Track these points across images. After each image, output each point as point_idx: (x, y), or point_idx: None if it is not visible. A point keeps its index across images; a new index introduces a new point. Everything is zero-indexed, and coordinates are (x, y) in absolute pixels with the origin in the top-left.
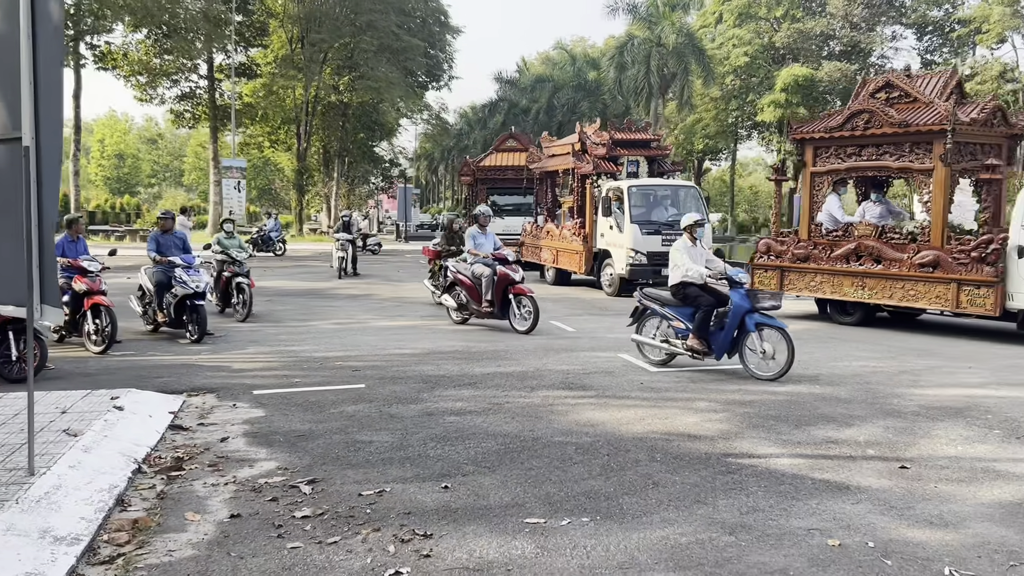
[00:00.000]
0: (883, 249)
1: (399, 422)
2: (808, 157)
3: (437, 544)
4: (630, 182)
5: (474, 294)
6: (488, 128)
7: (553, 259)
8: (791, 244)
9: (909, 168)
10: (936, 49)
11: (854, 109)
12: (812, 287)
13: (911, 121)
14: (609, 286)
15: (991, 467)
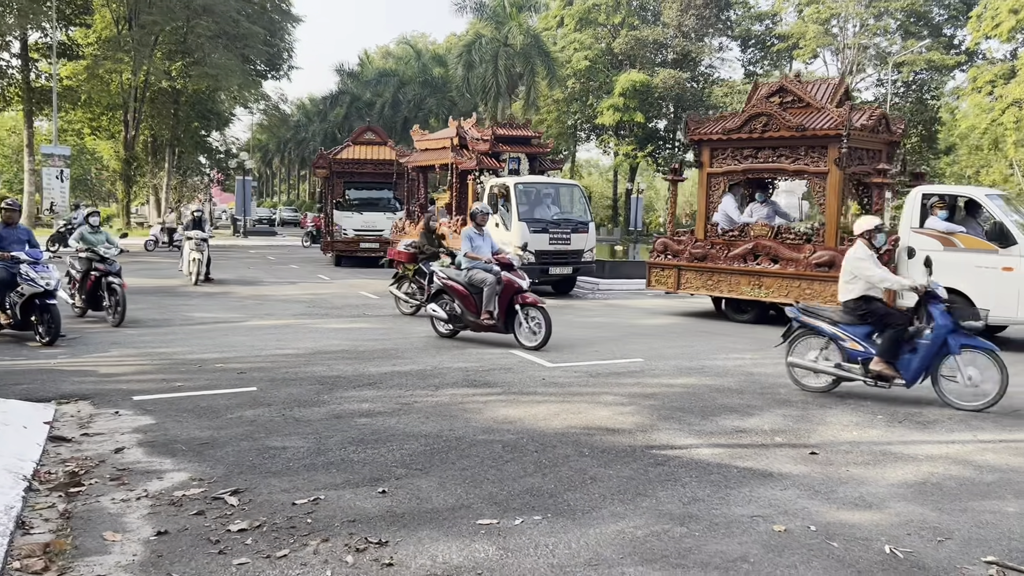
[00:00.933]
0: (780, 249)
1: (308, 426)
2: (705, 158)
3: (395, 551)
4: (516, 179)
5: (469, 304)
6: (328, 121)
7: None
8: (688, 244)
9: (804, 171)
10: (758, 61)
11: (752, 112)
12: (709, 286)
13: (808, 125)
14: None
15: (887, 450)
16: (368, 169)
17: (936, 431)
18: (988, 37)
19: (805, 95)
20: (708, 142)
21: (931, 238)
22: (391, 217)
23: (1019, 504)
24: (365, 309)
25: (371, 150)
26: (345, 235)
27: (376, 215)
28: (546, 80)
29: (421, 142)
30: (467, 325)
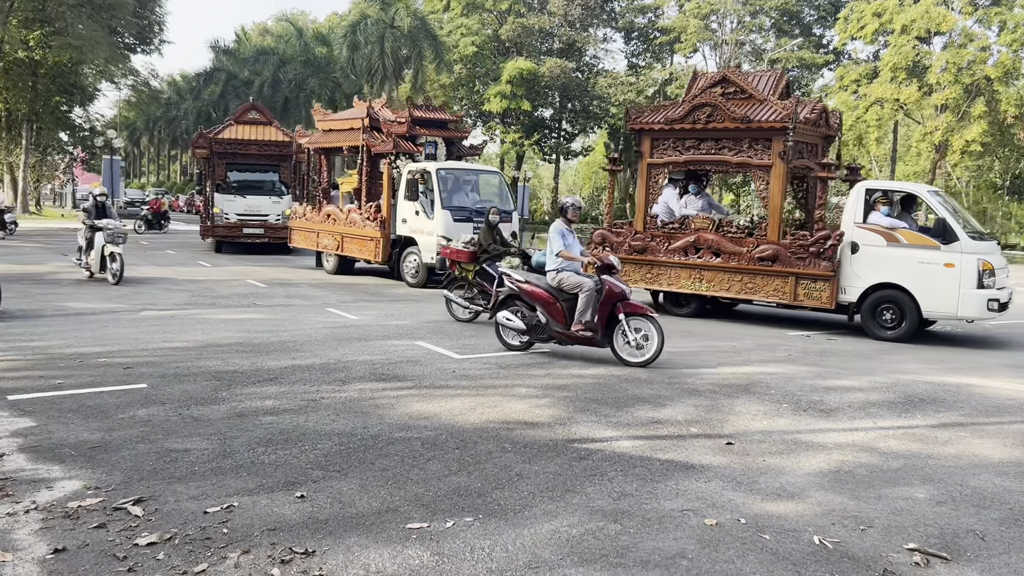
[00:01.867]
0: (722, 243)
1: (209, 426)
2: (645, 148)
3: (324, 561)
4: (438, 165)
5: (555, 312)
6: (202, 99)
7: (337, 246)
8: (627, 236)
9: (748, 163)
10: (641, 53)
11: (697, 102)
12: (648, 279)
13: (753, 117)
14: (413, 276)
15: (797, 439)
16: (252, 150)
17: (839, 419)
18: (854, 38)
19: (747, 86)
20: (649, 132)
21: (875, 233)
22: (277, 201)
23: (927, 490)
24: (255, 298)
25: (256, 130)
26: (227, 219)
27: (261, 199)
28: (433, 64)
29: (324, 122)
30: (552, 336)
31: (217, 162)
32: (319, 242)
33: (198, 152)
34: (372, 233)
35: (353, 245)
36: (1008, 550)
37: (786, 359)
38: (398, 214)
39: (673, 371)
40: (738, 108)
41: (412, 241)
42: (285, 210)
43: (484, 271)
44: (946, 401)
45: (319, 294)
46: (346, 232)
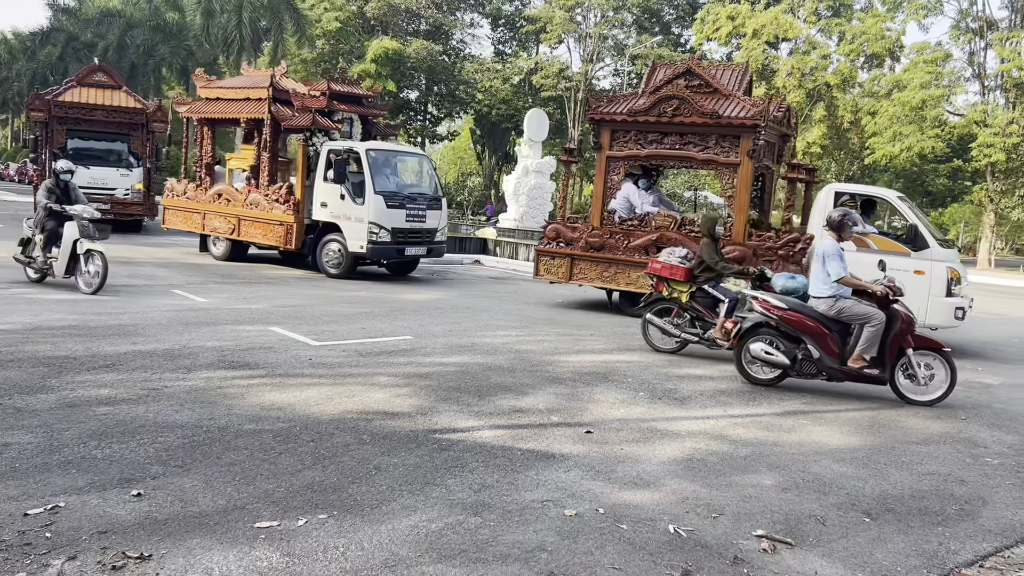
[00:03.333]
0: (686, 242)
1: (35, 417)
2: (605, 140)
3: (162, 566)
4: (367, 145)
5: (827, 344)
6: (38, 60)
7: (232, 229)
8: (584, 232)
9: (714, 160)
10: (507, 41)
11: (664, 94)
12: (605, 278)
13: (723, 113)
14: (335, 265)
15: (653, 427)
16: (98, 116)
17: (691, 407)
18: (709, 39)
19: (713, 80)
20: (610, 123)
21: None
22: (126, 174)
23: (773, 477)
24: None
25: (103, 94)
26: None
27: (107, 171)
28: (295, 38)
29: (209, 89)
30: (822, 371)
31: (57, 128)
32: (206, 224)
33: (33, 115)
34: (282, 217)
35: (255, 229)
36: (846, 534)
37: (641, 347)
38: (316, 197)
39: (535, 359)
40: (706, 102)
41: (333, 227)
42: (136, 184)
43: (703, 292)
44: (789, 390)
45: (165, 274)
46: (245, 215)
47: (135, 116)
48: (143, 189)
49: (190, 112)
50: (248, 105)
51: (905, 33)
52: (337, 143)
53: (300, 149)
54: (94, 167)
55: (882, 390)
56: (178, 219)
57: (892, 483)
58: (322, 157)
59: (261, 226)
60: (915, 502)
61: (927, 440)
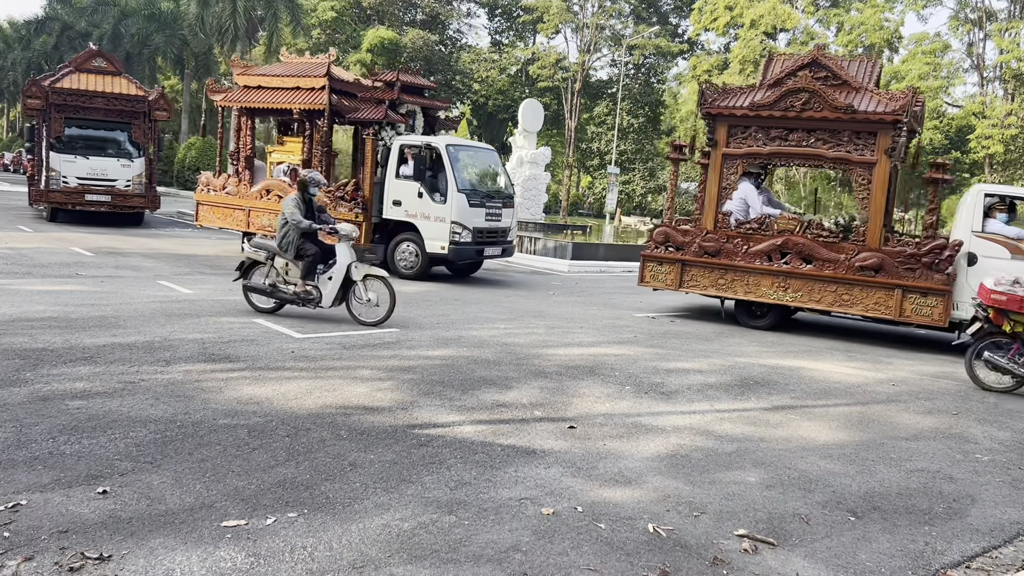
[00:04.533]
0: (816, 248)
1: (4, 412)
2: (721, 136)
3: (121, 567)
4: (446, 140)
5: None
6: (33, 50)
7: None
8: (697, 235)
9: (847, 159)
10: (504, 31)
11: (791, 87)
12: (721, 286)
13: (858, 107)
14: (409, 267)
15: (638, 422)
16: (98, 104)
17: (678, 402)
18: (707, 29)
19: (842, 72)
20: (727, 117)
21: (997, 244)
22: (127, 165)
23: (758, 474)
24: (79, 268)
25: (102, 80)
26: (65, 183)
27: (107, 161)
28: (290, 27)
29: (248, 76)
30: None
31: (54, 115)
32: (251, 222)
33: (29, 103)
34: (347, 216)
35: None
36: (830, 533)
37: (631, 340)
38: (387, 195)
39: (522, 352)
40: (838, 96)
41: (406, 227)
42: (137, 175)
43: None
44: (778, 384)
45: (151, 265)
46: None
47: (137, 104)
48: (144, 180)
49: (228, 101)
50: (300, 95)
51: (904, 23)
52: (412, 138)
53: (369, 144)
54: (93, 157)
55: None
56: (215, 216)
57: (879, 480)
58: (393, 152)
59: None
60: (902, 500)
61: (917, 436)
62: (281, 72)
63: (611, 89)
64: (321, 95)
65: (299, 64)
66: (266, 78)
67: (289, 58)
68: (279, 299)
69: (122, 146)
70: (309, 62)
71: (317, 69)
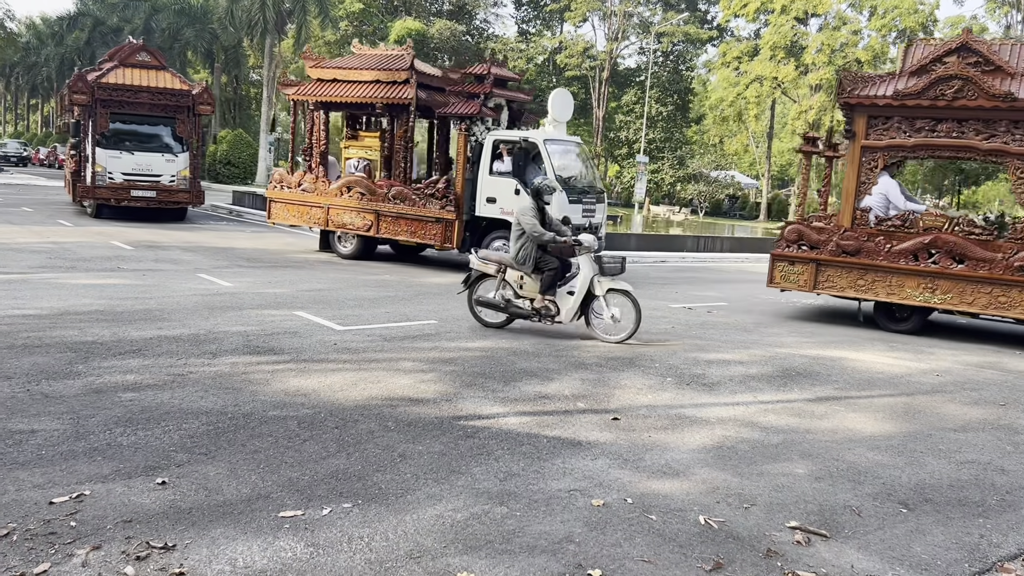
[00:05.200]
0: (968, 246)
1: (61, 404)
2: (860, 127)
3: (186, 556)
4: (543, 134)
5: None
6: (66, 45)
7: (369, 226)
8: (833, 233)
9: (1003, 151)
10: (531, 20)
11: (942, 74)
12: (860, 287)
13: (1020, 95)
14: None
15: (681, 413)
16: (143, 98)
17: (720, 393)
18: (737, 16)
19: (994, 57)
20: (868, 107)
21: None
22: (172, 160)
23: (806, 465)
24: (120, 262)
25: (147, 75)
26: (111, 180)
27: (152, 156)
28: (318, 19)
29: (321, 69)
30: None
31: (100, 111)
32: (331, 220)
33: (76, 98)
34: (439, 213)
35: (399, 226)
36: (882, 525)
37: (669, 331)
38: (480, 191)
39: (560, 344)
40: (995, 83)
41: (500, 224)
42: (181, 170)
43: None
44: (821, 375)
45: (190, 258)
46: (386, 210)
47: (181, 98)
48: (188, 176)
49: (301, 95)
50: (381, 88)
51: (939, 7)
52: (507, 132)
53: (460, 139)
54: (139, 153)
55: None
56: (290, 214)
57: (929, 472)
58: (486, 148)
59: (409, 223)
60: (954, 492)
61: (965, 427)
62: (357, 65)
63: (639, 77)
64: (405, 89)
65: (376, 56)
66: (342, 71)
67: (361, 49)
68: (513, 314)
69: (167, 141)
70: (387, 54)
71: (398, 62)
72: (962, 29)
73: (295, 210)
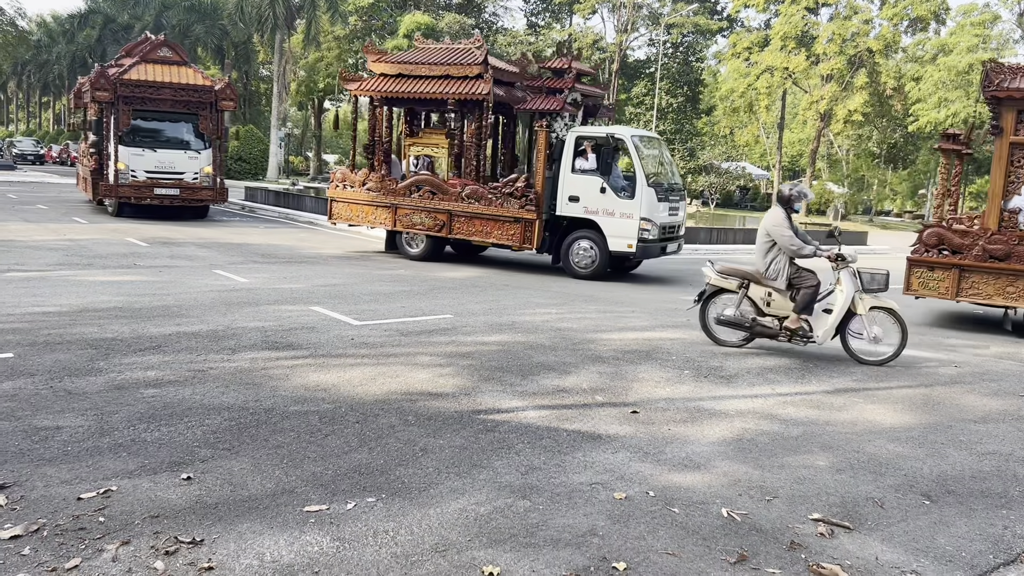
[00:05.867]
0: None
1: (85, 400)
2: (1008, 122)
3: (214, 551)
4: (631, 131)
5: None
6: (77, 43)
7: (441, 226)
8: (979, 237)
9: None
10: (539, 13)
11: None
12: (1009, 294)
13: None
14: (586, 266)
15: (700, 406)
16: (165, 95)
17: (739, 385)
18: (747, 6)
19: None
20: (1016, 100)
21: None
22: (195, 157)
23: (827, 457)
24: (136, 259)
25: (169, 71)
26: (134, 177)
27: (174, 154)
28: (328, 14)
29: (386, 64)
30: None
31: (122, 108)
32: (399, 220)
33: (98, 95)
34: (518, 213)
35: (475, 227)
36: (905, 517)
37: (684, 324)
38: (562, 190)
39: (576, 337)
40: None
41: (582, 223)
42: (204, 167)
43: None
44: (838, 366)
45: (205, 254)
46: (460, 209)
47: (204, 94)
48: (212, 173)
49: (365, 90)
50: (452, 83)
51: None
52: (591, 129)
53: (542, 136)
54: (161, 150)
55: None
56: (353, 213)
57: (951, 463)
58: (568, 144)
59: (484, 223)
60: (976, 483)
61: (985, 418)
62: (424, 59)
63: (649, 69)
64: (479, 84)
65: (442, 50)
66: (408, 66)
67: (425, 43)
68: (758, 333)
69: (189, 138)
70: (453, 48)
71: (468, 56)
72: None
73: (358, 210)
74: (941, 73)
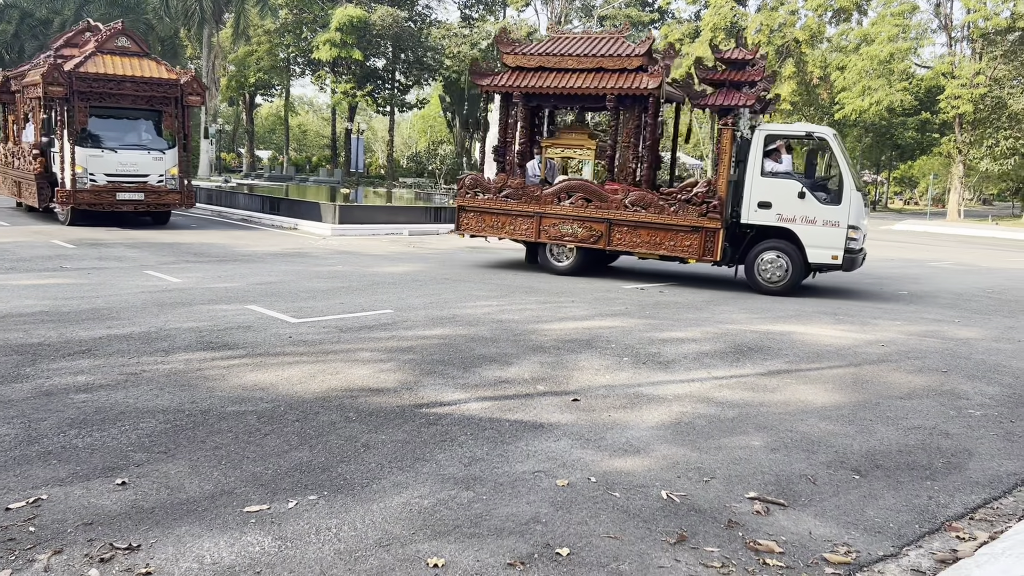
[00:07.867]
0: None
1: (11, 408)
2: None
3: (152, 556)
4: (831, 130)
5: None
6: None
7: (598, 237)
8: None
9: None
10: (474, 5)
11: None
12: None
13: None
14: (775, 280)
15: (639, 392)
16: (127, 90)
17: (676, 370)
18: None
19: None
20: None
21: None
22: (160, 158)
23: (761, 437)
24: (62, 261)
25: (129, 63)
26: (93, 182)
27: (138, 155)
28: (257, 8)
29: (523, 56)
30: None
31: (78, 105)
32: (543, 230)
33: (51, 91)
34: (697, 221)
35: (640, 237)
36: (837, 492)
37: (623, 312)
38: (750, 196)
39: (517, 328)
40: None
41: (771, 232)
42: (170, 168)
43: None
44: (771, 349)
45: (135, 255)
46: (621, 218)
47: (168, 89)
48: (177, 174)
49: (500, 86)
50: (608, 77)
51: None
52: (785, 127)
53: (726, 135)
54: (123, 151)
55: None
56: (487, 224)
57: (879, 439)
58: (756, 144)
59: (652, 233)
60: (903, 457)
61: (910, 395)
62: (569, 51)
63: None
64: (641, 78)
65: (589, 40)
66: (550, 58)
67: (558, 31)
68: None
69: (153, 137)
70: (601, 37)
71: (622, 47)
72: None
73: (493, 220)
74: (864, 62)
